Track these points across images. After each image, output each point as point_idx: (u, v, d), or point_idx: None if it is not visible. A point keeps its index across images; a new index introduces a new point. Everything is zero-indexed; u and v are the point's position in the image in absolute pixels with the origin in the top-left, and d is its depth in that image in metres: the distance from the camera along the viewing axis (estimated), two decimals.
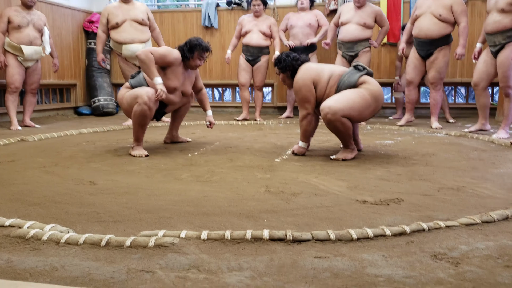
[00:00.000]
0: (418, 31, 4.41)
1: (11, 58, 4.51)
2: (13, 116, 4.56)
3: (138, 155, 3.01)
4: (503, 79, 3.73)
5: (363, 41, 4.85)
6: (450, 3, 4.28)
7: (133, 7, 4.79)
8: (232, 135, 4.07)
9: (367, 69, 2.96)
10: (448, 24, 4.32)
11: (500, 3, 3.67)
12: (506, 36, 3.69)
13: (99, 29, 4.81)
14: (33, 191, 2.08)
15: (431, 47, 4.40)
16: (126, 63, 4.83)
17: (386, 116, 5.93)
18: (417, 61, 4.53)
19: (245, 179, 2.32)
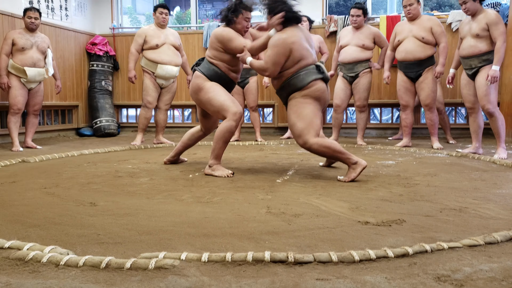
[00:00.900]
0: (405, 54, 4.49)
1: (14, 79, 4.55)
2: (15, 137, 4.58)
3: (223, 175, 2.96)
4: (483, 99, 3.79)
5: (363, 62, 4.89)
6: (430, 25, 4.43)
7: (169, 32, 5.02)
8: (233, 155, 4.07)
9: (325, 74, 2.93)
10: (431, 45, 4.46)
11: (474, 29, 3.80)
12: (482, 60, 3.80)
13: (132, 47, 4.92)
14: (34, 212, 2.07)
15: (420, 68, 4.49)
16: (153, 82, 4.93)
17: (386, 136, 5.94)
18: (406, 84, 4.59)
19: (246, 200, 2.31)
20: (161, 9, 4.94)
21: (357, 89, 4.91)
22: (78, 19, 6.59)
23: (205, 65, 3.18)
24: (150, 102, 4.96)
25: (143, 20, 13.68)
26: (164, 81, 4.96)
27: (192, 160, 3.82)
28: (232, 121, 2.98)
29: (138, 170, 3.30)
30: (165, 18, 4.95)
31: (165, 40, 4.94)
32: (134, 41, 4.93)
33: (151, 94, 4.94)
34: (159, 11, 4.93)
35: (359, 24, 4.88)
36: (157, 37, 4.91)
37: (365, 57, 4.87)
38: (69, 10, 6.38)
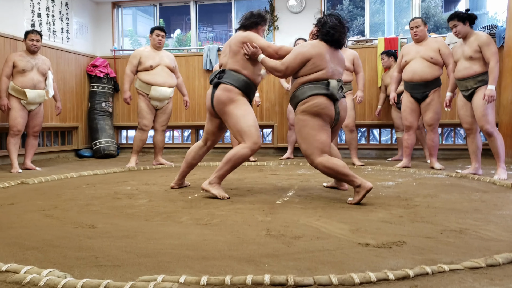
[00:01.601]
0: (412, 75, 4.52)
1: (14, 101, 4.58)
2: (14, 158, 4.58)
3: (220, 196, 2.95)
4: (481, 120, 3.81)
5: (346, 84, 4.85)
6: (437, 46, 4.48)
7: (164, 54, 5.04)
8: (232, 176, 4.07)
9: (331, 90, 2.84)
10: (438, 66, 4.50)
11: (467, 52, 3.85)
12: (477, 81, 3.83)
13: (127, 68, 4.94)
14: (32, 234, 2.06)
15: (427, 89, 4.51)
16: (148, 104, 4.95)
17: (386, 157, 5.94)
18: (412, 105, 4.61)
19: (245, 222, 2.29)
20: (158, 31, 4.99)
21: (344, 110, 4.90)
22: (79, 42, 6.66)
23: (231, 76, 3.06)
24: (146, 125, 4.97)
25: (144, 42, 13.81)
26: (159, 103, 4.98)
27: (191, 181, 3.81)
28: (249, 150, 2.95)
29: (137, 191, 3.29)
30: (161, 41, 4.99)
31: (160, 62, 4.96)
32: (129, 62, 4.95)
33: (146, 117, 4.95)
34: (156, 33, 4.99)
35: None
36: (152, 58, 4.93)
37: (346, 79, 4.87)
38: (70, 33, 6.46)
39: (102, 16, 7.10)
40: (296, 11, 6.38)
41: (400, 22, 12.42)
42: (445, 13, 13.52)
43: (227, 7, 6.99)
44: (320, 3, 6.34)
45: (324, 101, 2.85)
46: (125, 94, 4.95)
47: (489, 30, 5.73)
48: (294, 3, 6.38)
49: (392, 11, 12.97)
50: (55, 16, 6.15)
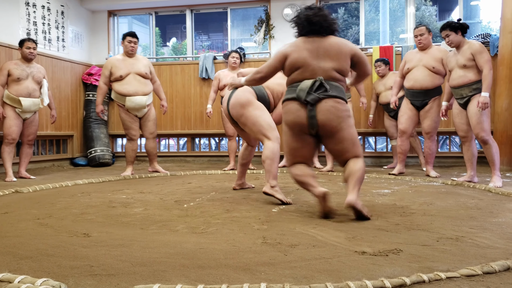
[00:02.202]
0: (413, 82, 4.54)
1: (9, 109, 4.56)
2: (8, 167, 4.55)
3: (284, 200, 3.00)
4: (476, 127, 3.83)
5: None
6: (440, 56, 4.49)
7: (136, 61, 4.90)
8: (228, 184, 4.05)
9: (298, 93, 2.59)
10: (440, 76, 4.52)
11: (460, 60, 3.88)
12: (472, 89, 3.86)
13: (100, 80, 4.86)
14: (26, 243, 2.04)
15: (426, 97, 4.53)
16: (128, 114, 4.89)
17: (381, 165, 5.95)
18: (410, 112, 4.63)
19: (241, 230, 2.28)
20: (129, 37, 4.87)
21: None
22: (74, 50, 6.66)
23: (258, 86, 3.24)
24: (133, 135, 4.93)
25: (139, 51, 13.83)
26: (137, 112, 4.90)
27: (187, 189, 3.80)
28: (277, 143, 3.08)
29: (132, 200, 3.28)
30: (133, 47, 4.86)
31: (130, 70, 4.83)
32: (102, 74, 4.86)
33: (131, 127, 4.90)
34: (128, 40, 4.87)
35: None
36: (121, 68, 4.80)
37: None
38: (66, 41, 6.46)
39: (97, 25, 7.11)
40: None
41: (395, 30, 12.51)
42: (439, 22, 13.64)
43: (222, 16, 7.03)
44: None
45: (292, 107, 2.63)
46: (97, 108, 4.90)
47: (483, 38, 5.78)
48: (290, 12, 6.41)
49: (387, 20, 13.08)
50: (50, 24, 6.15)
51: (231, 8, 6.82)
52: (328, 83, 2.59)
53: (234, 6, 6.79)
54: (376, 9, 13.52)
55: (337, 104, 2.57)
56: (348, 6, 12.67)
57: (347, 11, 13.04)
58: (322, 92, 2.56)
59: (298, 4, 6.37)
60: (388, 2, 12.83)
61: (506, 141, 5.05)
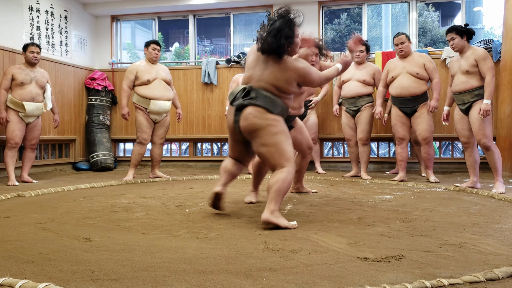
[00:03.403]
0: (400, 90, 4.58)
1: (12, 114, 4.57)
2: (11, 171, 4.56)
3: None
4: (478, 134, 3.83)
5: (365, 97, 4.99)
6: (422, 61, 4.56)
7: (159, 68, 5.05)
8: (230, 190, 4.05)
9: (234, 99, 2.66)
10: (424, 81, 4.58)
11: (463, 66, 3.88)
12: (474, 95, 3.86)
13: (124, 84, 4.93)
14: (27, 248, 2.04)
15: (415, 104, 4.58)
16: (147, 118, 4.95)
17: (384, 170, 5.94)
18: (402, 119, 4.66)
19: (243, 235, 2.28)
20: (154, 45, 5.02)
21: (359, 122, 5.00)
22: (77, 55, 6.69)
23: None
24: (145, 139, 4.97)
25: (142, 55, 13.88)
26: (157, 116, 4.99)
27: (189, 194, 3.79)
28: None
29: (134, 205, 3.27)
30: (157, 54, 5.01)
31: (156, 76, 4.97)
32: (125, 77, 4.94)
33: (145, 131, 4.95)
34: (152, 47, 5.01)
35: (361, 59, 5.03)
36: (148, 72, 4.94)
37: (367, 92, 4.99)
38: (69, 46, 6.49)
39: (101, 30, 7.14)
40: None
41: None
42: (441, 28, 13.65)
43: (225, 21, 7.05)
44: (317, 17, 6.39)
45: (230, 108, 2.73)
46: (123, 110, 4.95)
47: (486, 44, 5.78)
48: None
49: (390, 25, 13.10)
50: (54, 29, 6.18)
51: (234, 13, 6.84)
52: (258, 92, 2.60)
53: (236, 11, 6.81)
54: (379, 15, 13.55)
55: (256, 112, 2.56)
56: (350, 11, 12.70)
57: (350, 17, 13.07)
58: (247, 99, 2.60)
59: (300, 10, 6.38)
60: (390, 7, 12.86)
61: (509, 147, 5.04)
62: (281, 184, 2.48)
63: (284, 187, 2.49)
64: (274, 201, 2.46)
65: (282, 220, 2.44)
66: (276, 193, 2.47)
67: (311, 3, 6.38)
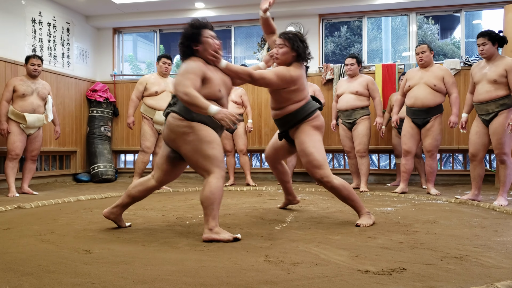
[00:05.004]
0: (414, 100, 4.52)
1: (13, 125, 4.59)
2: (11, 183, 4.56)
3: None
4: (497, 146, 3.77)
5: (360, 109, 4.98)
6: (442, 74, 4.48)
7: (170, 81, 5.20)
8: (230, 201, 4.04)
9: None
10: (441, 94, 4.49)
11: (491, 75, 3.78)
12: (499, 104, 3.77)
13: (133, 94, 5.08)
14: (27, 260, 2.03)
15: (428, 116, 4.50)
16: (151, 128, 5.08)
17: (384, 182, 5.93)
18: (412, 131, 4.61)
19: (243, 247, 2.27)
20: (164, 59, 5.16)
21: (356, 135, 4.98)
22: (79, 67, 6.72)
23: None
24: (148, 147, 5.03)
25: (144, 67, 13.95)
26: (161, 127, 5.03)
27: (189, 206, 3.78)
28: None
29: (135, 216, 3.26)
30: (167, 68, 5.15)
31: (165, 88, 5.11)
32: (136, 88, 5.09)
33: (149, 139, 5.04)
34: (163, 61, 5.15)
35: (353, 72, 5.04)
36: (158, 84, 5.09)
37: (362, 104, 4.97)
38: (71, 58, 6.52)
39: (103, 42, 7.19)
40: None
41: (397, 49, 12.60)
42: (441, 41, 13.73)
43: (226, 34, 7.09)
44: (318, 30, 6.44)
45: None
46: (128, 119, 5.09)
47: None
48: (293, 30, 6.45)
49: (390, 38, 13.17)
50: (56, 41, 6.22)
51: (235, 26, 6.89)
52: (177, 98, 2.57)
53: (237, 24, 6.86)
54: (379, 28, 13.64)
55: (172, 119, 2.53)
56: (350, 24, 12.78)
57: (350, 29, 13.15)
58: (171, 107, 2.59)
59: (301, 22, 6.43)
60: (390, 20, 12.95)
61: None
62: (211, 197, 2.41)
63: (216, 199, 2.42)
64: (210, 217, 2.41)
65: (223, 234, 2.39)
66: (209, 208, 2.41)
67: (312, 16, 6.42)
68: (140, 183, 2.75)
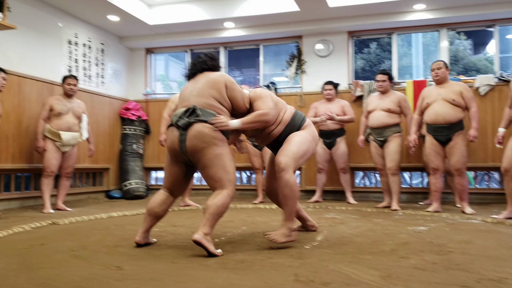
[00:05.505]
0: (435, 117, 4.46)
1: (49, 143, 4.74)
2: (46, 199, 4.68)
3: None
4: None
5: (392, 127, 4.90)
6: (459, 89, 4.45)
7: None
8: (259, 219, 4.03)
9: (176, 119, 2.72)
10: (461, 109, 4.44)
11: None
12: None
13: (165, 112, 5.11)
14: (60, 275, 2.07)
15: (450, 132, 4.43)
16: None
17: (417, 201, 5.79)
18: (436, 148, 4.53)
19: (273, 266, 2.25)
20: None
21: (387, 152, 4.90)
22: (113, 86, 6.91)
23: None
24: None
25: (175, 86, 14.22)
26: None
27: (218, 223, 3.79)
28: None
29: (165, 233, 3.29)
30: None
31: None
32: (167, 106, 5.11)
33: None
34: None
35: (384, 89, 4.98)
36: None
37: (393, 122, 4.90)
38: (105, 77, 6.72)
39: (135, 62, 7.38)
40: (323, 55, 6.48)
41: (428, 64, 12.42)
42: (474, 56, 13.46)
43: (255, 52, 7.16)
44: (347, 47, 6.43)
45: (170, 132, 2.78)
46: (161, 136, 5.17)
47: None
48: (322, 47, 6.48)
49: (420, 54, 13.02)
50: (91, 61, 6.43)
51: (264, 44, 6.95)
52: (202, 110, 2.66)
53: (266, 42, 6.92)
54: (409, 44, 13.51)
55: (207, 129, 2.62)
56: (380, 40, 12.70)
57: (379, 46, 13.07)
58: (193, 117, 2.64)
59: (330, 40, 6.44)
60: (421, 36, 12.81)
61: None
62: (219, 208, 2.56)
63: (221, 211, 2.57)
64: (209, 224, 2.51)
65: (211, 245, 2.48)
66: (213, 215, 2.53)
67: (340, 33, 6.42)
68: (163, 202, 2.83)
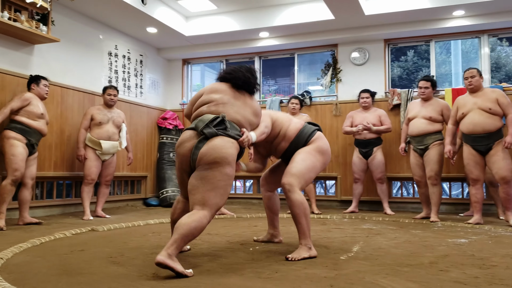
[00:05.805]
0: (473, 126, 4.33)
1: (90, 152, 4.88)
2: (86, 206, 4.81)
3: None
4: None
5: (432, 135, 4.78)
6: (495, 96, 4.30)
7: None
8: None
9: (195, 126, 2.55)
10: (498, 117, 4.30)
11: None
12: None
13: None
14: (99, 281, 2.12)
15: (490, 141, 4.29)
16: None
17: (457, 212, 5.62)
18: (475, 158, 4.38)
19: (308, 277, 2.23)
20: None
21: (427, 161, 4.77)
22: (151, 96, 7.07)
23: None
24: None
25: None
26: None
27: (253, 232, 3.79)
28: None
29: (200, 241, 3.32)
30: None
31: None
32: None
33: None
34: None
35: (427, 96, 4.86)
36: None
37: (434, 129, 4.77)
38: (143, 88, 6.88)
39: (173, 72, 7.54)
40: (359, 63, 6.41)
41: None
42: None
43: (290, 61, 7.17)
44: (383, 55, 6.34)
45: (185, 136, 2.56)
46: None
47: None
48: (357, 55, 6.42)
49: (459, 61, 12.68)
50: (130, 72, 6.60)
51: (298, 53, 6.95)
52: (230, 123, 2.56)
53: (301, 51, 6.92)
54: (448, 51, 13.18)
55: (226, 144, 2.46)
56: (417, 48, 12.46)
57: (417, 53, 12.81)
58: (221, 128, 2.50)
59: (366, 48, 6.38)
60: (460, 43, 12.48)
61: None
62: (191, 230, 2.29)
63: (193, 235, 2.32)
64: (175, 246, 2.24)
65: (178, 265, 2.21)
66: (182, 237, 2.26)
67: (377, 41, 6.35)
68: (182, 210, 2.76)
